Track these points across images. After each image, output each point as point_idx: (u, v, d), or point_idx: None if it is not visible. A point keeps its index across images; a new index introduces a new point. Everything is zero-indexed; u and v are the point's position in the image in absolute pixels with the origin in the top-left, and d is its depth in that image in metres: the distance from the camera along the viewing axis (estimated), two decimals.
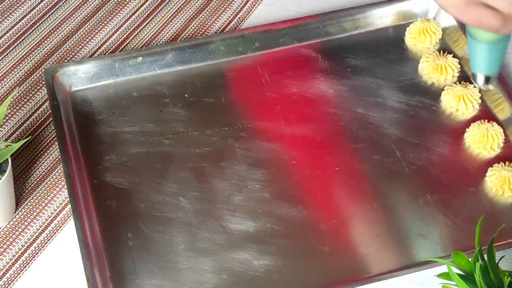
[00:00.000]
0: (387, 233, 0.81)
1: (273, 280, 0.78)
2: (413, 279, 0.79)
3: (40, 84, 0.95)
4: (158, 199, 0.83)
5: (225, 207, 0.83)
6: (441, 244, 0.80)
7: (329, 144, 0.89)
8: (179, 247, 0.80)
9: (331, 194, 0.84)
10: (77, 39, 1.01)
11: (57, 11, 1.04)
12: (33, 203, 0.85)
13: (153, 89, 0.94)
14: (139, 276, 0.78)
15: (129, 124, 0.90)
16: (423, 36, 0.98)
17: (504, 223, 0.81)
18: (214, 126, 0.90)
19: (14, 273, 0.79)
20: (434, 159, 0.87)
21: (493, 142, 0.87)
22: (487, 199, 0.84)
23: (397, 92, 0.94)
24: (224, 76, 0.95)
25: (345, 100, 0.94)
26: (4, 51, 0.99)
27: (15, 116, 0.92)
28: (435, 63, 0.95)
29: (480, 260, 0.66)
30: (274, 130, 0.90)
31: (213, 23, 1.03)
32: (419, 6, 1.01)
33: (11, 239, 0.82)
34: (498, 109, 0.91)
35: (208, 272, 0.78)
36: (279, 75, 0.95)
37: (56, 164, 0.88)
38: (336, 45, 0.99)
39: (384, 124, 0.91)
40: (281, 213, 0.83)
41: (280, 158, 0.87)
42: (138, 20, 1.03)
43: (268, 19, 1.02)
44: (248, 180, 0.85)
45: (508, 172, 0.84)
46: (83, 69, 0.93)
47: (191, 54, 0.96)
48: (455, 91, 0.92)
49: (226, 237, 0.81)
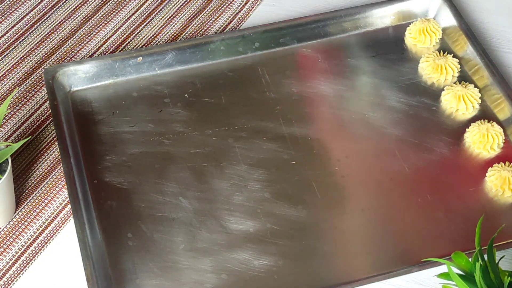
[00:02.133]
0: (387, 233, 0.81)
1: (273, 280, 0.78)
2: (413, 279, 0.79)
3: (40, 84, 0.95)
4: (158, 199, 0.83)
5: (225, 207, 0.83)
6: (441, 244, 0.80)
7: (329, 145, 0.89)
8: (179, 247, 0.80)
9: (331, 194, 0.84)
10: (77, 39, 1.01)
11: (57, 11, 1.04)
12: (33, 203, 0.85)
13: (153, 89, 0.94)
14: (139, 276, 0.78)
15: (129, 124, 0.90)
16: (423, 36, 0.98)
17: (504, 223, 0.81)
18: (214, 126, 0.90)
19: (14, 273, 0.79)
20: (434, 159, 0.87)
21: (493, 142, 0.87)
22: (487, 199, 0.84)
23: (397, 92, 0.94)
24: (224, 76, 0.95)
25: (345, 100, 0.94)
26: (4, 51, 0.99)
27: (15, 116, 0.92)
28: (435, 63, 0.95)
29: (480, 260, 0.66)
30: (274, 130, 0.90)
31: (213, 23, 1.03)
32: (419, 6, 1.01)
33: (11, 239, 0.82)
34: (498, 109, 0.92)
35: (208, 272, 0.78)
36: (279, 75, 0.95)
37: (56, 164, 0.88)
38: (336, 45, 0.99)
39: (384, 124, 0.91)
40: (281, 213, 0.83)
41: (280, 158, 0.87)
42: (138, 20, 1.03)
43: (268, 19, 1.02)
44: (248, 180, 0.85)
45: (508, 172, 0.84)
46: (83, 69, 0.93)
47: (191, 54, 0.96)
48: (455, 91, 0.92)
49: (226, 237, 0.81)
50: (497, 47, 1.01)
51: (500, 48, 1.00)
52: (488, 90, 0.93)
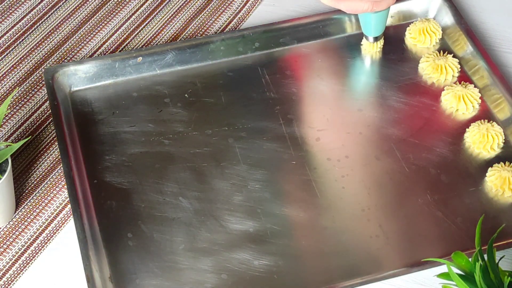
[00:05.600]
0: (387, 233, 0.81)
1: (273, 280, 0.78)
2: (413, 279, 0.79)
3: (40, 84, 0.95)
4: (158, 199, 0.83)
5: (225, 207, 0.83)
6: (441, 244, 0.80)
7: (329, 144, 0.89)
8: (179, 247, 0.80)
9: (331, 194, 0.84)
10: (77, 39, 1.01)
11: (57, 11, 1.04)
12: (33, 203, 0.85)
13: (153, 89, 0.94)
14: (139, 276, 0.78)
15: (129, 124, 0.90)
16: (423, 36, 0.98)
17: (504, 223, 0.81)
18: (214, 126, 0.90)
19: (14, 273, 0.79)
20: (434, 159, 0.87)
21: (493, 142, 0.87)
22: (487, 199, 0.84)
23: (397, 92, 0.94)
24: (224, 76, 0.95)
25: (345, 100, 0.94)
26: (4, 51, 0.99)
27: (15, 116, 0.92)
28: (435, 63, 0.95)
29: (480, 260, 0.66)
30: (274, 130, 0.90)
31: (213, 23, 1.03)
32: (419, 6, 1.01)
33: (11, 239, 0.82)
34: (498, 109, 0.92)
35: (208, 272, 0.78)
36: (279, 75, 0.95)
37: (56, 164, 0.88)
38: (336, 45, 0.99)
39: (384, 124, 0.91)
40: (281, 213, 0.83)
41: (280, 158, 0.87)
42: (138, 20, 1.03)
43: (268, 19, 1.02)
44: (248, 180, 0.85)
45: (508, 172, 0.84)
46: (83, 69, 0.93)
47: (191, 54, 0.96)
48: (455, 91, 0.92)
49: (226, 237, 0.81)
50: (497, 47, 1.01)
51: (500, 48, 1.00)
52: (488, 90, 0.93)
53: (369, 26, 0.94)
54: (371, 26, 0.94)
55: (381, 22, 0.93)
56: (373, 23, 0.93)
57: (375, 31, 0.94)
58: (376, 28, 0.94)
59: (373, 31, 0.94)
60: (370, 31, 0.95)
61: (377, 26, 0.94)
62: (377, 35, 0.95)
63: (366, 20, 0.93)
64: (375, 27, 0.94)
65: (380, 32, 0.95)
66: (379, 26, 0.94)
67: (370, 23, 0.93)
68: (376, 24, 0.93)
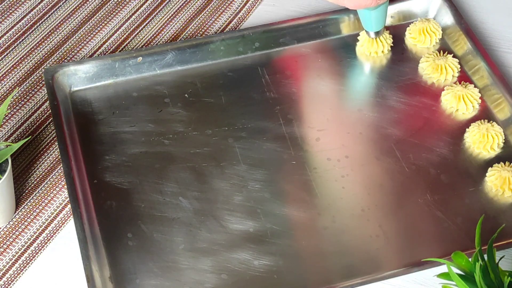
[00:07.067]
0: (387, 233, 0.81)
1: (273, 280, 0.78)
2: (413, 279, 0.79)
3: (40, 84, 0.95)
4: (158, 199, 0.83)
5: (225, 207, 0.83)
6: (441, 244, 0.80)
7: (329, 144, 0.89)
8: (179, 247, 0.80)
9: (331, 194, 0.84)
10: (77, 39, 1.01)
11: (57, 11, 1.04)
12: (33, 203, 0.85)
13: (153, 89, 0.94)
14: (139, 276, 0.78)
15: (129, 124, 0.90)
16: (423, 36, 0.98)
17: (504, 223, 0.81)
18: (214, 126, 0.90)
19: (14, 273, 0.79)
20: (434, 159, 0.87)
21: (493, 142, 0.87)
22: (487, 199, 0.84)
23: (397, 92, 0.94)
24: (224, 76, 0.95)
25: (345, 100, 0.94)
26: (4, 51, 0.99)
27: (15, 116, 0.92)
28: (435, 63, 0.95)
29: (480, 260, 0.66)
30: (274, 130, 0.90)
31: (213, 23, 1.03)
32: (419, 6, 1.01)
33: (11, 239, 0.82)
34: (498, 109, 0.92)
35: (208, 272, 0.78)
36: (279, 75, 0.95)
37: (56, 164, 0.88)
38: (336, 45, 0.99)
39: (384, 124, 0.91)
40: (281, 213, 0.83)
41: (280, 158, 0.87)
42: (138, 20, 1.03)
43: (268, 19, 1.02)
44: (248, 180, 0.85)
45: (508, 172, 0.84)
46: (83, 69, 0.93)
47: (191, 54, 0.96)
48: (455, 91, 0.92)
49: (226, 237, 0.81)
50: (497, 47, 1.01)
51: (500, 48, 1.00)
52: (488, 90, 0.93)
53: (369, 21, 0.94)
54: (372, 21, 0.93)
55: (381, 16, 0.93)
56: (373, 17, 0.93)
57: (376, 26, 0.94)
58: (377, 22, 0.94)
59: (374, 26, 0.94)
60: (371, 26, 0.94)
61: (377, 21, 0.93)
62: (378, 29, 0.95)
63: (366, 16, 0.93)
64: (376, 22, 0.94)
65: (381, 27, 0.95)
66: (379, 20, 0.94)
67: (370, 18, 0.93)
68: (377, 18, 0.93)
